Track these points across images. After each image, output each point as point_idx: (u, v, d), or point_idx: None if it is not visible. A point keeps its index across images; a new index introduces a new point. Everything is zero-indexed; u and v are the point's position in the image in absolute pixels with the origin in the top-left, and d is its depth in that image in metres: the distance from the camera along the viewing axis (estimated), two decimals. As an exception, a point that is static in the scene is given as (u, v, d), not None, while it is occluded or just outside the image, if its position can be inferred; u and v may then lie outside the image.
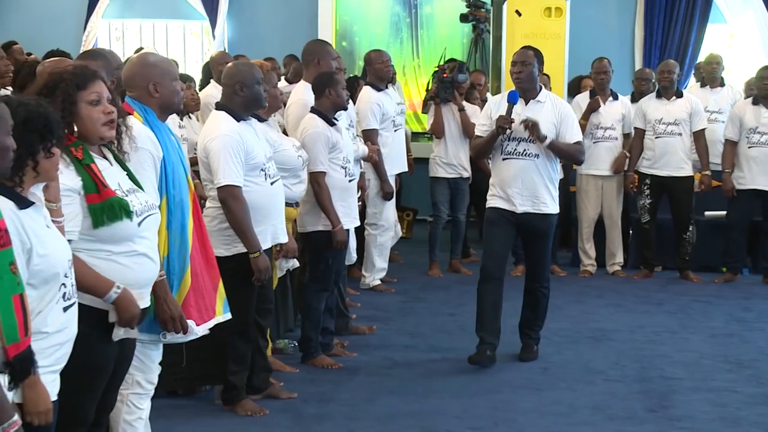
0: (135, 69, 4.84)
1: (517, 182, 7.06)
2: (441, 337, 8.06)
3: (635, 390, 6.84)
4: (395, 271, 9.98)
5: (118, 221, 4.05)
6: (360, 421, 6.15)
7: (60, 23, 13.04)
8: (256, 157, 5.89)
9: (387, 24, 13.42)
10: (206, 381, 6.45)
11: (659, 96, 10.15)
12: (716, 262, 10.48)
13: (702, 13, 12.85)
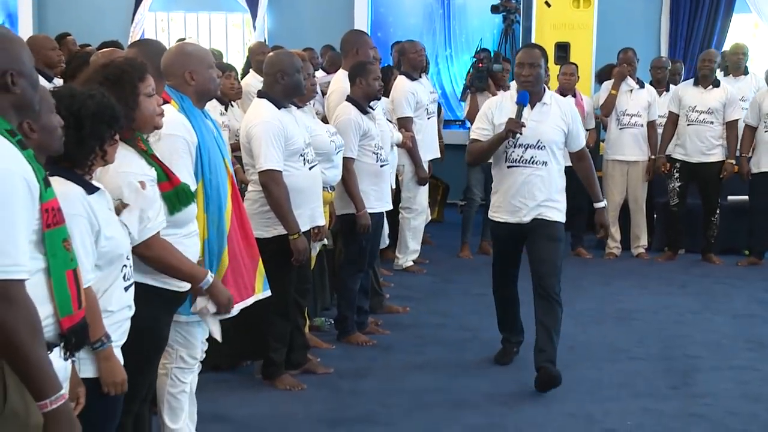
0: (172, 58, 4.85)
1: (523, 192, 6.22)
2: (470, 317, 8.07)
3: (659, 368, 6.83)
4: (427, 253, 9.99)
5: (188, 205, 4.12)
6: (393, 396, 6.18)
7: (109, 16, 13.09)
8: (296, 143, 5.91)
9: (420, 15, 13.41)
10: (248, 357, 6.51)
11: (696, 83, 10.09)
12: (740, 245, 10.42)
13: (727, 3, 12.77)
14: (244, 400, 6.04)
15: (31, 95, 2.90)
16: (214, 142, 4.87)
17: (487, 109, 6.43)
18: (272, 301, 5.31)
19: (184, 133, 4.56)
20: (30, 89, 2.89)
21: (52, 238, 2.85)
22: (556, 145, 6.23)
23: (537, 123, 6.11)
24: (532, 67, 6.11)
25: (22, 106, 2.88)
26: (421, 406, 6.02)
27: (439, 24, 13.39)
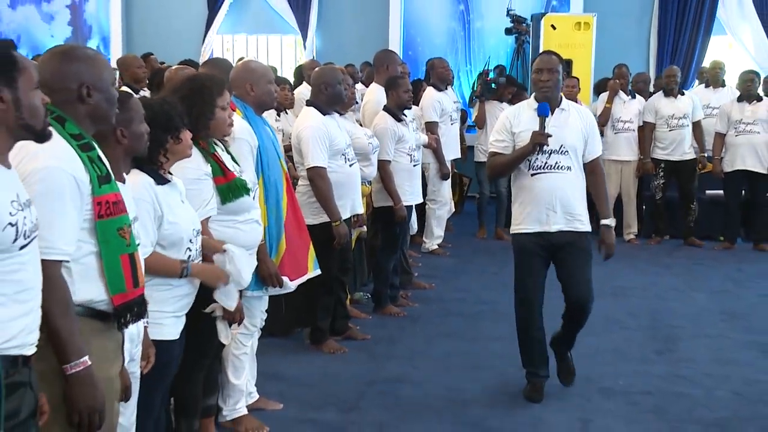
0: (238, 73, 4.92)
1: (550, 199, 5.24)
2: (486, 292, 8.05)
3: (647, 336, 6.81)
4: (449, 239, 9.97)
5: (241, 197, 4.13)
6: (420, 359, 6.19)
7: (184, 38, 13.16)
8: (338, 144, 5.95)
9: (444, 36, 13.37)
10: (298, 325, 6.52)
11: (667, 95, 10.16)
12: (715, 232, 10.42)
13: (706, 26, 12.74)
14: (295, 362, 6.06)
15: (106, 108, 2.91)
16: (272, 144, 4.92)
17: (504, 120, 5.48)
18: (319, 279, 5.33)
19: (248, 137, 4.62)
20: (104, 103, 2.90)
21: (104, 227, 2.83)
22: (578, 150, 5.34)
23: (558, 128, 5.26)
24: (551, 73, 5.28)
25: (96, 117, 2.90)
26: (445, 368, 6.02)
27: (460, 44, 13.35)
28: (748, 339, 6.78)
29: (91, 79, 2.87)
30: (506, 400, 5.49)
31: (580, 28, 11.45)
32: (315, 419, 5.12)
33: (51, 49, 2.99)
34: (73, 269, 2.81)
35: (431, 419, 5.16)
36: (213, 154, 4.09)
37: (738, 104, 10.02)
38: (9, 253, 2.43)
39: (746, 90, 10.03)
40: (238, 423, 4.88)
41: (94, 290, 2.87)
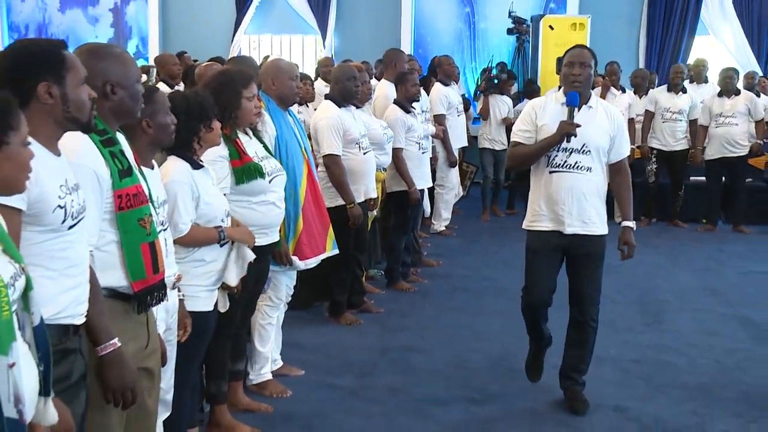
0: (265, 69, 5.01)
1: (567, 199, 4.61)
2: (489, 270, 8.05)
3: (636, 310, 6.80)
4: (456, 221, 9.96)
5: (254, 180, 4.12)
6: (429, 330, 6.20)
7: (215, 37, 13.15)
8: (352, 134, 5.97)
9: (452, 36, 13.33)
10: (318, 299, 6.54)
11: (669, 90, 10.13)
12: (698, 215, 10.38)
13: (691, 27, 12.73)
14: (315, 332, 6.08)
15: (130, 104, 2.88)
16: (293, 134, 4.91)
17: (530, 110, 4.81)
18: (336, 256, 5.34)
19: (268, 128, 4.64)
20: (128, 99, 2.86)
21: (124, 218, 2.80)
22: (601, 151, 4.66)
23: (583, 126, 4.57)
24: (583, 67, 4.65)
25: (120, 112, 2.87)
26: (451, 338, 6.03)
27: (466, 43, 13.31)
28: (728, 312, 6.77)
29: (115, 76, 2.83)
30: (506, 367, 5.49)
31: (575, 28, 11.44)
32: (333, 384, 5.13)
33: (80, 47, 2.93)
34: (97, 257, 2.77)
35: (438, 384, 5.17)
36: (233, 140, 4.10)
37: (718, 99, 10.01)
38: (59, 232, 2.44)
39: (726, 85, 10.03)
40: (264, 387, 4.91)
41: (116, 276, 2.84)
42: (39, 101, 2.44)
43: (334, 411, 4.75)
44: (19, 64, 2.47)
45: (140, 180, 2.90)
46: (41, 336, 2.16)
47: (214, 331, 3.90)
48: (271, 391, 4.90)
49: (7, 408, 1.95)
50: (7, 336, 1.96)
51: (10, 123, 2.06)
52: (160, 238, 2.97)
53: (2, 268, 2.02)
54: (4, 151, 2.05)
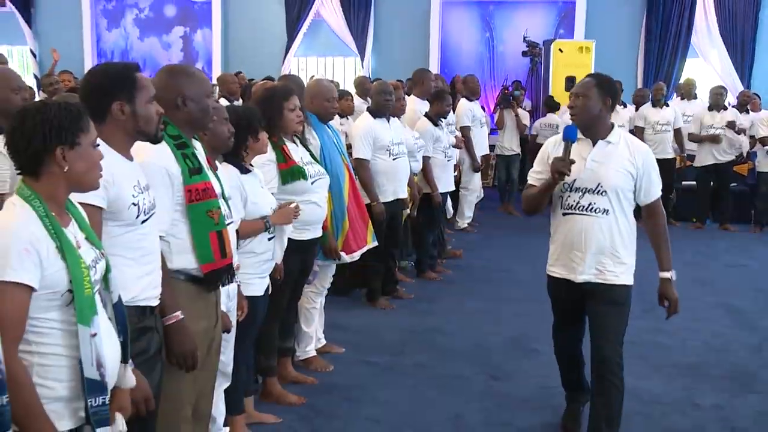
0: (307, 88, 5.02)
1: (579, 244, 3.73)
2: (506, 261, 8.00)
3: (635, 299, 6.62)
4: (477, 218, 9.90)
5: (297, 181, 4.13)
6: (453, 315, 6.18)
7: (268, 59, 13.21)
8: (382, 141, 5.98)
9: (474, 58, 13.28)
10: (356, 286, 6.53)
11: (654, 105, 10.01)
12: (689, 215, 10.23)
13: (682, 51, 12.67)
14: (354, 315, 6.07)
15: (198, 116, 2.92)
16: (333, 144, 4.91)
17: (543, 150, 3.88)
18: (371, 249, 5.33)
19: (312, 139, 4.64)
20: (197, 111, 2.90)
21: (194, 210, 2.83)
22: (621, 192, 3.72)
23: (598, 164, 3.69)
24: (577, 97, 3.72)
25: (190, 122, 2.91)
26: (473, 322, 6.00)
27: (486, 64, 13.26)
28: (715, 301, 6.69)
29: (186, 91, 2.88)
30: (521, 347, 5.46)
31: (582, 51, 11.40)
32: (369, 360, 5.13)
33: (163, 67, 3.04)
34: (172, 243, 2.82)
35: (461, 362, 5.14)
36: (280, 146, 4.10)
37: (709, 112, 9.92)
38: (134, 226, 2.48)
39: (716, 101, 9.95)
40: (309, 362, 4.92)
41: (188, 260, 2.87)
42: (113, 117, 2.47)
43: (370, 384, 4.75)
44: (97, 85, 2.52)
45: (210, 178, 2.92)
46: (120, 312, 2.22)
47: (265, 314, 3.91)
48: (316, 366, 4.91)
49: (89, 370, 2.01)
50: (89, 310, 2.02)
51: (81, 127, 2.09)
52: (229, 229, 2.99)
53: (85, 253, 2.08)
54: (77, 151, 2.07)
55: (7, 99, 3.62)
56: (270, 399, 4.37)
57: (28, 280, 1.93)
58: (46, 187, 2.05)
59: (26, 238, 1.95)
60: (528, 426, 4.21)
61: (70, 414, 2.02)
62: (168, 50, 14.06)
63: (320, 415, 4.28)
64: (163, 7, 14.01)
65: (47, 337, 2.00)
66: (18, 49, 13.97)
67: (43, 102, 2.12)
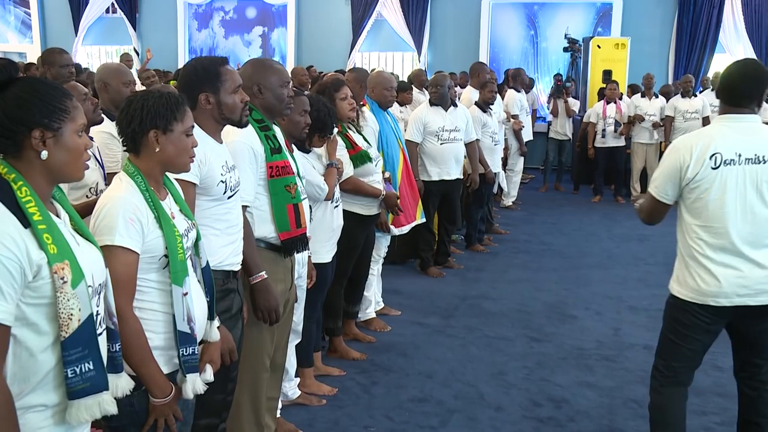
0: (370, 79, 4.99)
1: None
2: (546, 236, 7.89)
3: (663, 270, 6.54)
4: (520, 197, 9.79)
5: (364, 164, 4.13)
6: (498, 283, 6.13)
7: (336, 54, 13.22)
8: (431, 127, 5.98)
9: (519, 53, 13.06)
10: (410, 256, 6.52)
11: (683, 96, 9.65)
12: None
13: (711, 46, 12.23)
14: (409, 282, 6.07)
15: (274, 103, 2.93)
16: (391, 129, 4.89)
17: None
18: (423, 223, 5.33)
19: (372, 124, 4.62)
20: (272, 99, 2.92)
21: (274, 184, 2.87)
22: None
23: None
24: None
25: (267, 108, 2.93)
26: (516, 289, 5.95)
27: (531, 58, 13.02)
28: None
29: (262, 81, 2.90)
30: (559, 313, 5.40)
31: (618, 47, 11.14)
32: (423, 322, 5.13)
33: (250, 59, 3.09)
34: (254, 213, 2.87)
35: (505, 325, 5.11)
36: (345, 133, 4.10)
37: None
38: (221, 201, 2.52)
39: None
40: (369, 323, 4.94)
41: (268, 229, 2.92)
42: (201, 106, 2.51)
43: (423, 343, 4.75)
44: (187, 78, 2.56)
45: (288, 157, 2.95)
46: (207, 275, 2.25)
47: (332, 280, 3.93)
48: (375, 326, 4.93)
49: (181, 324, 2.06)
50: (182, 272, 2.06)
51: (175, 115, 2.10)
52: (303, 203, 3.02)
53: (179, 223, 2.12)
54: (169, 137, 2.10)
55: (119, 91, 3.74)
56: (335, 355, 4.42)
57: (132, 246, 1.97)
58: (145, 164, 2.09)
59: (130, 208, 1.99)
60: (564, 383, 4.17)
61: (165, 361, 2.08)
62: (248, 47, 14.20)
63: (379, 369, 4.31)
64: (245, 9, 14.15)
65: (146, 295, 2.05)
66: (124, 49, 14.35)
67: (148, 91, 2.16)
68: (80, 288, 1.65)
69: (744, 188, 2.76)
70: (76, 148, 1.71)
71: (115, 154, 3.46)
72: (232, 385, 2.72)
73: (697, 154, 2.79)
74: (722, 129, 2.82)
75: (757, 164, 2.77)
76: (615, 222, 8.66)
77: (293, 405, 3.72)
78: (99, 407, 1.69)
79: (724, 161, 2.77)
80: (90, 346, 1.67)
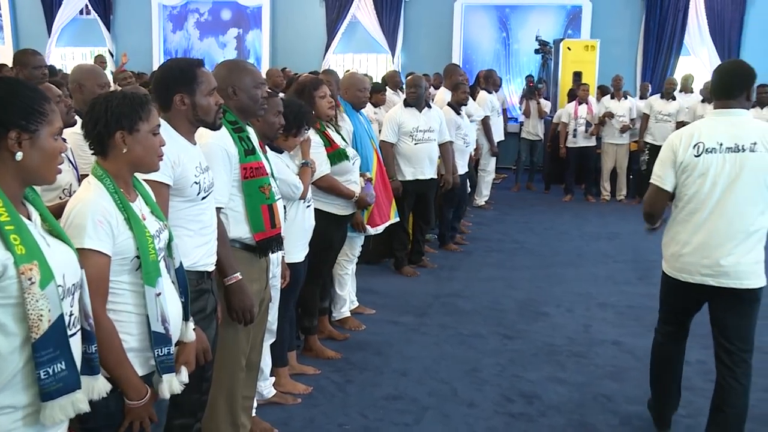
0: (342, 80, 4.98)
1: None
2: (518, 235, 7.94)
3: (630, 267, 6.64)
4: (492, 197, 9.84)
5: (341, 162, 4.13)
6: (472, 281, 6.15)
7: (311, 56, 13.17)
8: (405, 127, 5.98)
9: (492, 54, 13.12)
10: (384, 256, 6.52)
11: (662, 97, 9.75)
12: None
13: (676, 49, 12.42)
14: (383, 281, 6.08)
15: (248, 104, 2.92)
16: (364, 130, 4.89)
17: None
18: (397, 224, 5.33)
19: (346, 125, 4.62)
20: (247, 100, 2.91)
21: (249, 186, 2.87)
22: None
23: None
24: None
25: (241, 109, 2.92)
26: (489, 288, 5.98)
27: (503, 60, 13.10)
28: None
29: (237, 82, 2.89)
30: (531, 310, 5.44)
31: (588, 49, 11.24)
32: (397, 321, 5.14)
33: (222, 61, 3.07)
34: (229, 214, 2.86)
35: (478, 322, 5.14)
36: (323, 132, 4.09)
37: (701, 104, 9.60)
38: (195, 202, 2.50)
39: (708, 95, 9.63)
40: (344, 322, 4.94)
41: (242, 229, 2.91)
42: (176, 107, 2.49)
43: (398, 341, 4.76)
44: (163, 79, 2.54)
45: (262, 158, 2.94)
46: (181, 276, 2.24)
47: (307, 279, 3.92)
48: (350, 325, 4.93)
49: (155, 325, 2.05)
50: (154, 273, 2.04)
51: (140, 115, 2.08)
52: (278, 203, 3.01)
53: (150, 225, 2.10)
54: (135, 137, 2.08)
55: (94, 93, 3.69)
56: (310, 354, 4.41)
57: (102, 248, 1.95)
58: (113, 166, 2.07)
59: (99, 211, 1.97)
60: (535, 379, 4.20)
61: (141, 362, 2.06)
62: (223, 49, 14.10)
63: (354, 367, 4.31)
64: (220, 11, 14.07)
65: (120, 297, 2.03)
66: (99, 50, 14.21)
67: (111, 93, 2.14)
68: (49, 289, 1.63)
69: (723, 174, 3.06)
70: (52, 152, 1.72)
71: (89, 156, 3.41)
72: (207, 385, 2.70)
73: (684, 144, 3.13)
74: (710, 122, 3.17)
75: (737, 152, 3.05)
76: (585, 221, 8.74)
77: (268, 404, 3.71)
78: (73, 406, 1.69)
79: (705, 149, 3.08)
80: (61, 346, 1.66)
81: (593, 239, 7.80)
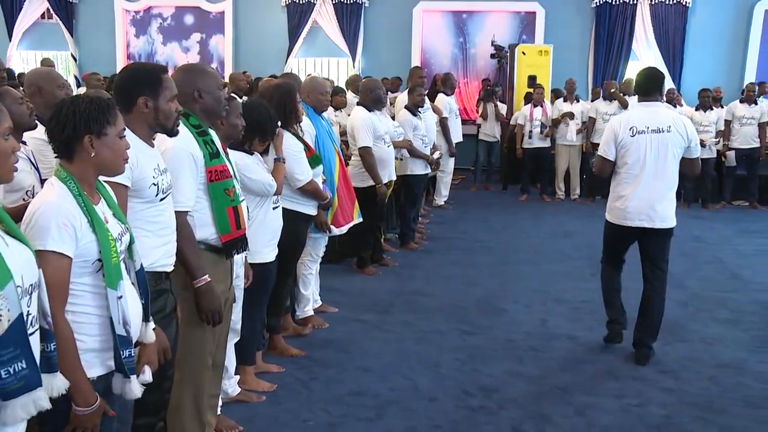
0: (304, 84, 4.92)
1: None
2: (478, 233, 7.99)
3: (585, 263, 6.70)
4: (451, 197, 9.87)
5: (317, 166, 4.13)
6: (432, 279, 6.16)
7: (272, 60, 13.09)
8: (378, 131, 5.92)
9: (449, 58, 13.18)
10: (348, 255, 6.50)
11: (604, 99, 9.95)
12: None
13: (625, 54, 12.69)
14: (346, 280, 6.05)
15: (213, 106, 2.89)
16: (326, 133, 4.85)
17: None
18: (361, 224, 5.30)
19: (308, 128, 4.58)
20: (212, 102, 2.88)
21: (214, 188, 2.83)
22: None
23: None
24: None
25: (206, 112, 2.89)
26: (450, 285, 6.00)
27: (460, 64, 13.17)
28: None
29: (201, 85, 2.86)
30: (490, 306, 5.46)
31: (541, 54, 11.35)
32: (360, 319, 5.12)
33: (180, 66, 3.02)
34: (195, 217, 2.82)
35: (440, 319, 5.15)
36: (300, 137, 4.08)
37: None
38: (153, 203, 2.47)
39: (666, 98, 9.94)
40: (307, 320, 4.89)
41: (209, 231, 2.87)
42: (138, 109, 2.45)
43: (361, 338, 4.74)
44: (128, 81, 2.51)
45: (226, 161, 2.91)
46: (141, 278, 2.20)
47: (278, 278, 3.88)
48: (313, 323, 4.89)
49: (118, 328, 2.02)
50: (116, 276, 2.01)
51: (108, 119, 2.04)
52: (242, 204, 2.98)
53: (113, 228, 2.06)
54: (103, 141, 2.04)
55: (54, 95, 3.60)
56: (275, 352, 4.36)
57: (65, 250, 1.91)
58: (78, 169, 2.03)
59: (63, 213, 1.93)
60: (494, 373, 4.22)
61: (100, 362, 2.03)
62: (187, 54, 13.92)
63: (318, 365, 4.28)
64: (183, 16, 13.89)
65: (80, 299, 1.99)
66: (62, 54, 13.92)
67: (77, 96, 2.09)
68: (8, 288, 1.60)
69: (651, 149, 4.19)
70: (3, 151, 1.68)
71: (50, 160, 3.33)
72: (169, 384, 2.67)
73: (623, 126, 4.24)
74: (638, 111, 4.31)
75: (659, 133, 4.20)
76: (542, 219, 8.82)
77: (233, 402, 3.66)
78: (34, 404, 1.66)
79: (638, 131, 4.21)
80: (22, 345, 1.63)
81: (549, 237, 7.88)
